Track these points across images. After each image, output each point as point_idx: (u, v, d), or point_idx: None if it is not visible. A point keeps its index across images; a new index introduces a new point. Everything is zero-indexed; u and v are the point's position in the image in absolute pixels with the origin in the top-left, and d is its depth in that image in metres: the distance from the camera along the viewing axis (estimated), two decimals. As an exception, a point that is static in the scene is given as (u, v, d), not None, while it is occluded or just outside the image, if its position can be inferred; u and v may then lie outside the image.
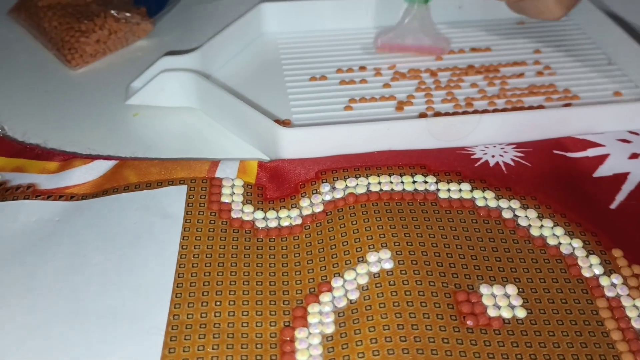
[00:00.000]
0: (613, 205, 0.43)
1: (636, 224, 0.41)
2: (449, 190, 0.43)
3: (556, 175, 0.45)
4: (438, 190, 0.43)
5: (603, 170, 0.45)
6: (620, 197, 0.43)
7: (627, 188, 0.44)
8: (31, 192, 0.43)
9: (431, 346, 0.33)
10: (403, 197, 0.42)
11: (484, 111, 0.51)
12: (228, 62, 0.56)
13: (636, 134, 0.48)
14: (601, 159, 0.46)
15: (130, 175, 0.43)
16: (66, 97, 0.53)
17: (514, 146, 0.46)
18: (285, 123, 0.49)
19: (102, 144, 0.48)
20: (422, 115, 0.50)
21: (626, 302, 0.37)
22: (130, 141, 0.49)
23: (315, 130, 0.46)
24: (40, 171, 0.44)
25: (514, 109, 0.51)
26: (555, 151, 0.46)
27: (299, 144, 0.45)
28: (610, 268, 0.39)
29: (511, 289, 0.37)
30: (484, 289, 0.37)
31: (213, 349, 0.34)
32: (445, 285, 0.36)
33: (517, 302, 0.36)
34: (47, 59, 0.57)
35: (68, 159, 0.45)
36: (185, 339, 0.34)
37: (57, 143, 0.48)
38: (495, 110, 0.51)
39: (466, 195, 0.42)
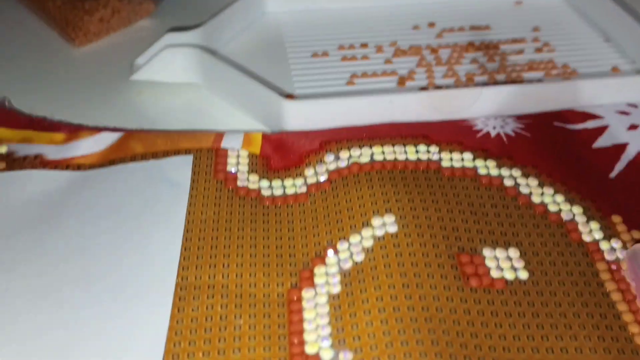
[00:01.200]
0: (612, 175, 0.43)
1: (635, 192, 0.42)
2: (451, 159, 0.43)
3: (556, 146, 0.45)
4: (440, 159, 0.43)
5: (602, 141, 0.46)
6: (619, 166, 0.44)
7: (626, 158, 0.45)
8: (38, 162, 0.43)
9: (435, 304, 0.34)
10: (406, 165, 0.42)
11: (485, 85, 0.51)
12: (231, 40, 0.56)
13: (635, 106, 0.48)
14: (600, 130, 0.46)
15: (136, 146, 0.44)
16: (70, 75, 0.54)
17: (514, 118, 0.47)
18: (288, 98, 0.50)
19: (106, 119, 0.48)
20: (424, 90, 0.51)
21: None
22: (134, 117, 0.49)
23: (319, 103, 0.46)
24: (47, 142, 0.45)
25: (515, 82, 0.52)
26: (555, 123, 0.47)
27: (302, 117, 0.46)
28: (610, 233, 0.39)
29: (513, 252, 0.38)
30: (487, 252, 0.37)
31: (221, 308, 0.34)
32: (448, 248, 0.37)
33: (519, 264, 0.37)
34: (51, 38, 0.58)
35: (75, 130, 0.46)
36: (193, 300, 0.35)
37: (64, 119, 0.48)
38: (495, 84, 0.51)
39: (468, 164, 0.43)
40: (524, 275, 0.36)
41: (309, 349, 0.33)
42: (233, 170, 0.43)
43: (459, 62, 0.54)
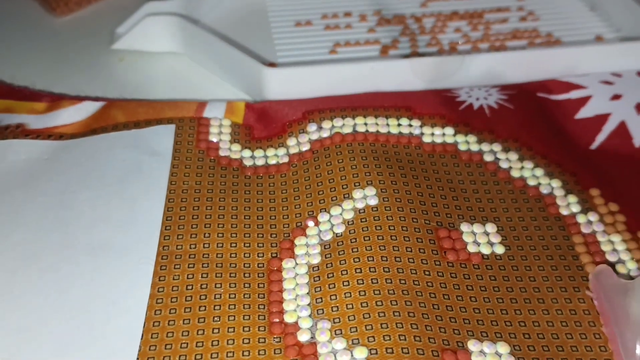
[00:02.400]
0: (593, 146, 0.44)
1: (614, 163, 0.42)
2: (432, 134, 0.43)
3: (539, 118, 0.45)
4: (422, 134, 0.43)
5: (585, 112, 0.46)
6: (600, 137, 0.44)
7: (607, 128, 0.45)
8: (20, 132, 0.43)
9: (413, 277, 0.34)
10: (388, 139, 0.43)
11: (468, 53, 0.51)
12: (213, 9, 0.56)
13: (619, 75, 0.48)
14: (583, 100, 0.47)
15: (118, 115, 0.44)
16: (52, 44, 0.53)
17: (498, 89, 0.47)
18: (271, 66, 0.49)
19: (88, 88, 0.48)
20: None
21: (601, 238, 0.38)
22: (116, 86, 0.49)
23: (300, 70, 0.46)
24: (29, 111, 0.44)
25: (498, 51, 0.52)
26: (539, 94, 0.47)
27: (284, 85, 0.46)
28: (587, 206, 0.40)
29: (491, 227, 0.38)
30: (465, 227, 0.38)
31: (202, 277, 0.35)
32: (427, 223, 0.37)
33: (496, 239, 0.37)
34: (33, 8, 0.57)
35: (56, 100, 0.45)
36: (175, 268, 0.35)
37: (45, 88, 0.48)
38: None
39: (449, 140, 0.43)
40: (500, 250, 0.37)
41: (288, 318, 0.33)
42: (215, 139, 0.43)
43: (443, 31, 0.54)
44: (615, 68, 0.49)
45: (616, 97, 0.47)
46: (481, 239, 0.37)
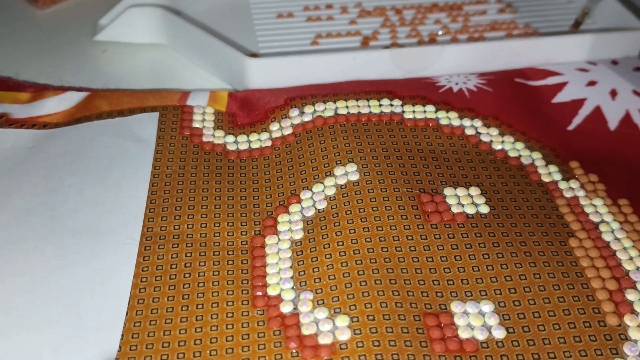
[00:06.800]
0: (570, 127, 0.45)
1: (592, 143, 0.43)
2: (414, 111, 0.44)
3: (517, 101, 0.46)
4: (403, 112, 0.44)
5: (562, 97, 0.47)
6: (577, 120, 0.45)
7: (583, 112, 0.46)
8: (4, 121, 0.43)
9: (395, 244, 0.35)
10: (370, 118, 0.43)
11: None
12: (196, 0, 0.56)
13: (594, 64, 0.49)
14: (560, 86, 0.47)
15: (102, 105, 0.44)
16: (35, 36, 0.54)
17: (476, 75, 0.48)
18: (253, 57, 0.50)
19: (72, 79, 0.49)
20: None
21: (584, 202, 0.39)
22: (100, 77, 0.49)
23: (281, 61, 0.47)
24: (13, 101, 0.45)
25: (476, 41, 0.52)
26: (516, 79, 0.48)
27: (266, 75, 0.46)
28: (568, 176, 0.40)
29: (474, 191, 0.39)
30: (448, 191, 0.38)
31: (186, 256, 0.35)
32: (409, 190, 0.38)
33: (480, 200, 0.38)
34: (16, 1, 0.57)
35: (40, 90, 0.46)
36: (159, 248, 0.35)
37: (29, 79, 0.48)
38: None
39: (430, 116, 0.44)
40: (485, 209, 0.37)
41: (271, 291, 0.34)
42: (198, 126, 0.43)
43: (423, 22, 0.55)
44: (590, 58, 0.50)
45: (591, 83, 0.48)
46: (465, 200, 0.38)
